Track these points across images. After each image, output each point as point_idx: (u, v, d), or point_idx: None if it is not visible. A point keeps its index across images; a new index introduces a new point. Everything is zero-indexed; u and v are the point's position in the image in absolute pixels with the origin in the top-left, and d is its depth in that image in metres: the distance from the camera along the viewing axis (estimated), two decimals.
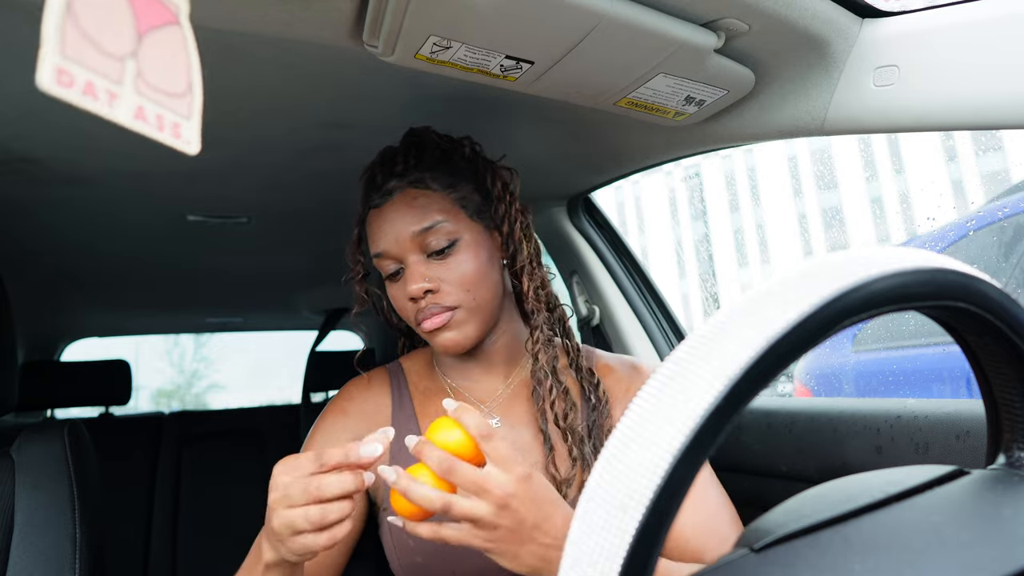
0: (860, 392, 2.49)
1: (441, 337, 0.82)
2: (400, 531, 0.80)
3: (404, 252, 0.82)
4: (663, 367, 0.30)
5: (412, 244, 0.82)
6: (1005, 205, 2.23)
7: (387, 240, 0.82)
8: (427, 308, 0.81)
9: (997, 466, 0.40)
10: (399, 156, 0.87)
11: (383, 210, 0.84)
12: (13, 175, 1.20)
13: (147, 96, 0.32)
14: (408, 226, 0.81)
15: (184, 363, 25.19)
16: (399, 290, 0.84)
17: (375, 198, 0.85)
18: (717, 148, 1.09)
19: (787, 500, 0.37)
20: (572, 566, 0.28)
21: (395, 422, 0.87)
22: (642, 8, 0.67)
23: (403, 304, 0.84)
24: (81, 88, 0.30)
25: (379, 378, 0.93)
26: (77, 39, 0.29)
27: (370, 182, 0.88)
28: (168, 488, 2.21)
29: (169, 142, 0.33)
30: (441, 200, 0.84)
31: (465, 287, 0.81)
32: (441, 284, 0.81)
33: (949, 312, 0.34)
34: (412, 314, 0.83)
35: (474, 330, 0.83)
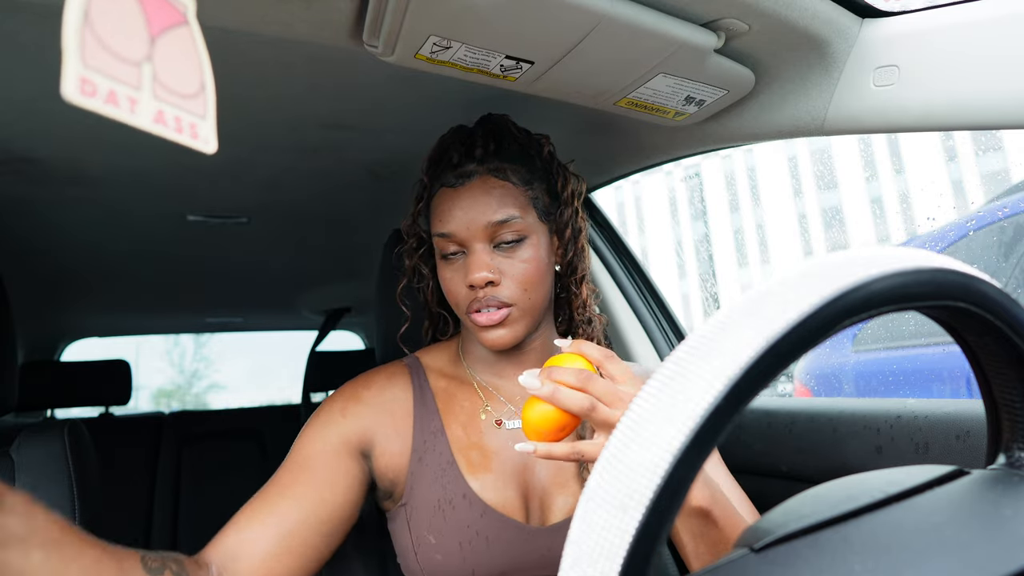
0: (860, 392, 2.49)
1: (492, 333, 0.81)
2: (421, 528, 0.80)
3: (472, 238, 0.81)
4: (663, 367, 0.30)
5: (483, 233, 0.80)
6: (1005, 205, 2.23)
7: (458, 223, 0.81)
8: (484, 299, 0.80)
9: (997, 466, 0.40)
10: (478, 140, 0.85)
11: (459, 192, 0.82)
12: (14, 175, 1.20)
13: (165, 99, 0.33)
14: (483, 215, 0.80)
15: (184, 363, 25.20)
16: (456, 273, 0.82)
17: (449, 177, 0.83)
18: (717, 148, 1.09)
19: (787, 500, 0.37)
20: (572, 566, 0.28)
21: (417, 418, 0.85)
22: (642, 8, 0.67)
23: (457, 289, 0.82)
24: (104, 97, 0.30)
25: (399, 372, 0.90)
26: (96, 48, 0.30)
27: (442, 158, 0.86)
28: (168, 488, 2.21)
29: (188, 143, 0.34)
30: (518, 195, 0.83)
31: (523, 286, 0.81)
32: (502, 278, 0.80)
33: (949, 312, 0.34)
34: (465, 302, 0.81)
35: (523, 329, 0.83)
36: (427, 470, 0.82)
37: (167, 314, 2.73)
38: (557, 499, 0.84)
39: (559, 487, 0.84)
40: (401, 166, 1.30)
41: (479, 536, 0.79)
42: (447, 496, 0.81)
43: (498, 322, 0.80)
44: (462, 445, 0.84)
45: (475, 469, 0.83)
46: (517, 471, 0.84)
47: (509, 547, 0.80)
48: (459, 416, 0.87)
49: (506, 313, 0.80)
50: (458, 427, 0.86)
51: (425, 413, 0.86)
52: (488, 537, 0.79)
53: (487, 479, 0.82)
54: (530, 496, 0.84)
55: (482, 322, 0.80)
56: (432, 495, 0.81)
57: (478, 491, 0.81)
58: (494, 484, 0.82)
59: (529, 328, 0.84)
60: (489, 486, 0.82)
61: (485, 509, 0.80)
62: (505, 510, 0.81)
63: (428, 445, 0.83)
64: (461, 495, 0.81)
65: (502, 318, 0.80)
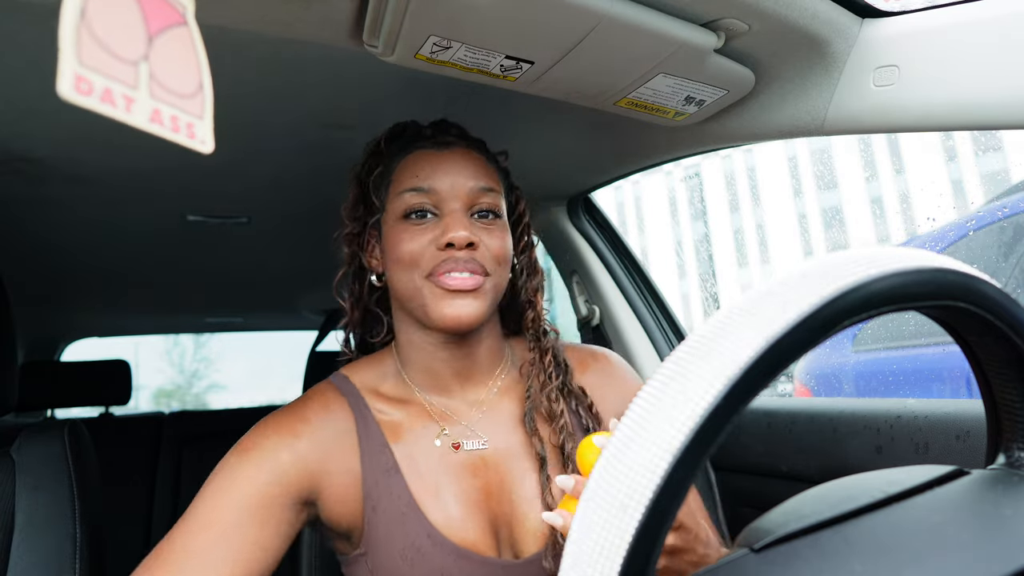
0: (860, 392, 2.49)
1: (460, 302, 0.73)
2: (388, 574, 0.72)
3: (454, 199, 0.77)
4: (663, 367, 0.30)
5: (466, 196, 0.77)
6: (1005, 205, 2.23)
7: (441, 181, 0.76)
8: (461, 261, 0.73)
9: (997, 466, 0.40)
10: (448, 124, 0.84)
11: (441, 154, 0.79)
12: (13, 175, 1.20)
13: (161, 99, 0.33)
14: (469, 179, 0.77)
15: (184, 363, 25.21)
16: (424, 233, 0.75)
17: (423, 142, 0.80)
18: (717, 148, 1.09)
19: (787, 500, 0.37)
20: (572, 566, 0.28)
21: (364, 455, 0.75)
22: (642, 8, 0.67)
23: (421, 249, 0.75)
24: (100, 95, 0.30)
25: (334, 399, 0.79)
26: (92, 46, 0.30)
27: (408, 130, 0.84)
28: (168, 488, 2.21)
29: (184, 142, 0.34)
30: (495, 174, 0.82)
31: (497, 260, 0.77)
32: (481, 244, 0.76)
33: (949, 312, 0.34)
34: (431, 263, 0.74)
35: (488, 309, 0.77)
36: (384, 517, 0.73)
37: (167, 314, 2.73)
38: (524, 524, 0.77)
39: (525, 511, 0.77)
40: None
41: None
42: (411, 542, 0.72)
43: (471, 288, 0.73)
44: (419, 481, 0.75)
45: (437, 506, 0.75)
46: (480, 500, 0.77)
47: None
48: (411, 446, 0.77)
49: (480, 281, 0.74)
50: (411, 460, 0.76)
51: (372, 447, 0.76)
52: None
53: (452, 515, 0.75)
54: (498, 525, 0.77)
55: (452, 285, 0.73)
56: (395, 544, 0.72)
57: (444, 531, 0.73)
58: (461, 519, 0.75)
59: (489, 311, 0.78)
60: (455, 523, 0.74)
61: (456, 550, 0.73)
62: (476, 547, 0.74)
63: (382, 487, 0.74)
64: (426, 537, 0.72)
65: (476, 284, 0.74)
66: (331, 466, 0.74)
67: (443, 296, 0.74)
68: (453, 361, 0.81)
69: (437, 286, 0.74)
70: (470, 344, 0.81)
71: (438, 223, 0.76)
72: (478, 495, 0.77)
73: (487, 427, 0.81)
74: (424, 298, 0.75)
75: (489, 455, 0.79)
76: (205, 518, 0.67)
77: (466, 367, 0.82)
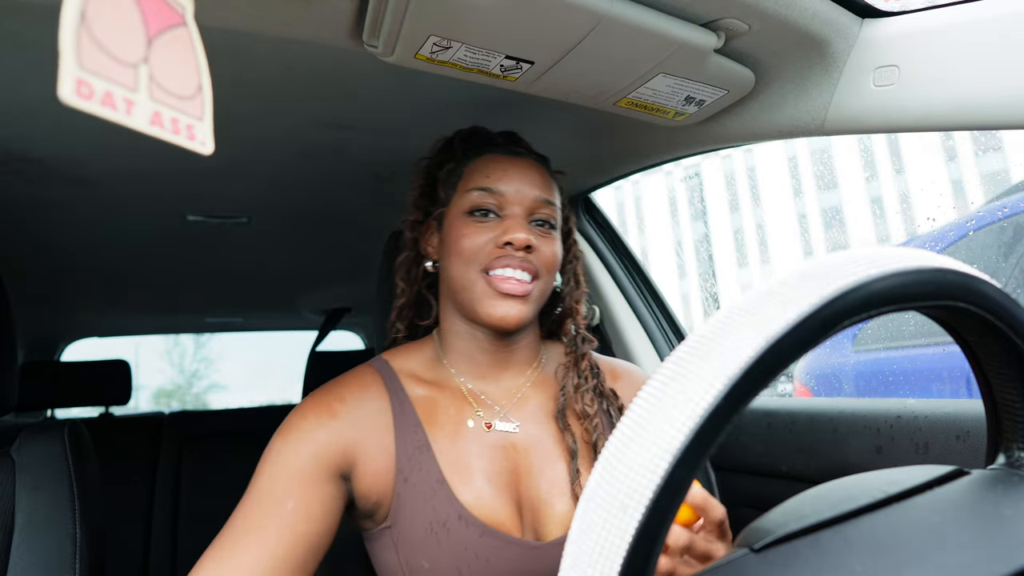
0: (860, 392, 2.49)
1: (508, 305, 0.79)
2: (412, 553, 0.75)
3: (518, 204, 0.82)
4: (663, 367, 0.30)
5: (529, 203, 0.83)
6: (1005, 205, 2.23)
7: (508, 185, 0.82)
8: (519, 259, 0.79)
9: (997, 466, 0.40)
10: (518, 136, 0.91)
11: (512, 160, 0.85)
12: (13, 175, 1.20)
13: (161, 101, 0.33)
14: (534, 188, 0.83)
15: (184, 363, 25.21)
16: (485, 231, 0.81)
17: (496, 148, 0.87)
18: (717, 148, 1.09)
19: (787, 500, 0.37)
20: (572, 566, 0.28)
21: (398, 432, 0.79)
22: (642, 8, 0.67)
23: (481, 244, 0.80)
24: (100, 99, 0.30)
25: (372, 380, 0.83)
26: (93, 49, 0.30)
27: (482, 135, 0.90)
28: (168, 488, 2.21)
29: (185, 144, 0.34)
30: (554, 189, 0.88)
31: (547, 268, 0.83)
32: (537, 249, 0.81)
33: (949, 312, 0.34)
34: (488, 258, 0.79)
35: (533, 312, 0.83)
36: (415, 491, 0.76)
37: (167, 314, 2.73)
38: (550, 509, 0.80)
39: (552, 497, 0.80)
40: (401, 166, 1.30)
41: (479, 558, 0.74)
42: (439, 518, 0.75)
43: (523, 294, 0.79)
44: (451, 459, 0.78)
45: (467, 484, 0.78)
46: (511, 481, 0.80)
47: (510, 567, 0.75)
48: (444, 426, 0.81)
49: (530, 288, 0.80)
50: (444, 438, 0.80)
51: (406, 425, 0.79)
52: (489, 558, 0.75)
53: (481, 494, 0.78)
54: (523, 507, 0.80)
55: (508, 288, 0.78)
56: (422, 518, 0.75)
57: (472, 508, 0.76)
58: (489, 498, 0.78)
59: (534, 315, 0.84)
60: (483, 502, 0.77)
61: (483, 529, 0.75)
62: (502, 527, 0.77)
63: (414, 463, 0.77)
64: (456, 516, 0.75)
65: (526, 291, 0.79)
66: (366, 443, 0.77)
67: (494, 296, 0.79)
68: (493, 351, 0.86)
69: (490, 285, 0.79)
70: (511, 338, 0.86)
71: (499, 223, 0.82)
72: (507, 476, 0.80)
73: (519, 414, 0.85)
74: (476, 293, 0.80)
75: (519, 439, 0.83)
76: (257, 497, 0.72)
77: (504, 358, 0.87)
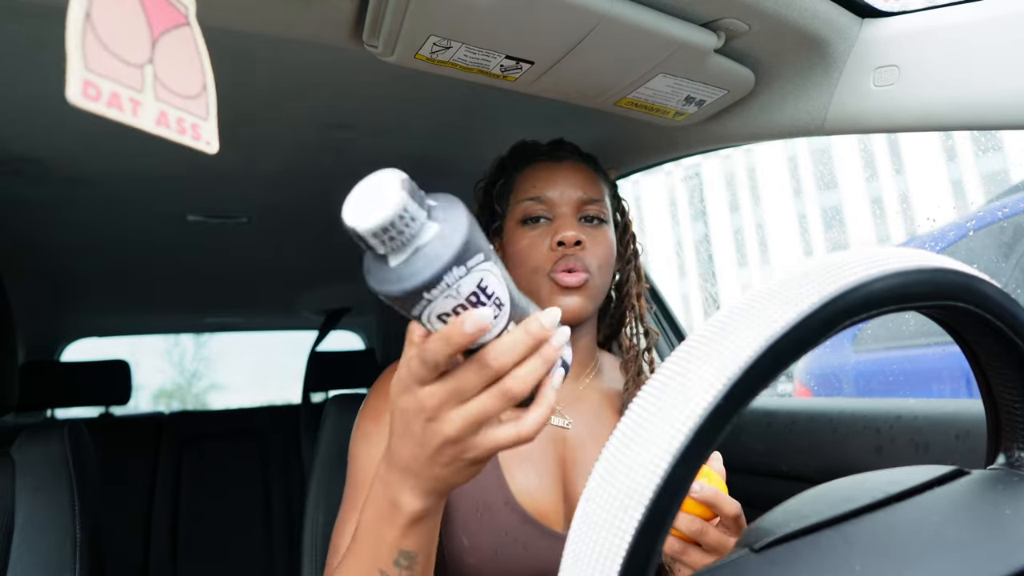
0: (860, 392, 2.49)
1: (571, 298, 0.82)
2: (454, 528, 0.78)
3: (564, 204, 0.86)
4: (663, 367, 0.30)
5: (575, 203, 0.86)
6: (1005, 205, 2.23)
7: (553, 189, 0.86)
8: (572, 259, 0.82)
9: (997, 466, 0.40)
10: (564, 141, 0.95)
11: (555, 166, 0.89)
12: (13, 175, 1.20)
13: (167, 101, 0.33)
14: (577, 189, 0.87)
15: (184, 363, 25.22)
16: (539, 237, 0.85)
17: (541, 157, 0.90)
18: (717, 148, 1.09)
19: (787, 500, 0.37)
20: (572, 565, 0.28)
21: None
22: (642, 8, 0.67)
23: (538, 251, 0.84)
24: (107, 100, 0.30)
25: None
26: (99, 51, 0.30)
27: (528, 147, 0.94)
28: (168, 488, 2.21)
29: (190, 144, 0.34)
30: (602, 186, 0.91)
31: (600, 262, 0.85)
32: (587, 246, 0.84)
33: (949, 312, 0.34)
34: (548, 263, 0.83)
35: (592, 306, 0.85)
36: None
37: (167, 314, 2.73)
38: None
39: None
40: (401, 166, 1.30)
41: (516, 543, 0.77)
42: (486, 500, 0.78)
43: (579, 284, 0.82)
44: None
45: (517, 472, 0.81)
46: (559, 474, 0.83)
47: (544, 555, 0.78)
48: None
49: (586, 278, 0.82)
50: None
51: None
52: (525, 545, 0.77)
53: (529, 482, 0.81)
54: (568, 500, 0.83)
55: (566, 281, 0.81)
56: (470, 497, 0.78)
57: (518, 495, 0.79)
58: (537, 488, 0.81)
59: (593, 308, 0.86)
60: (531, 490, 0.81)
61: (525, 516, 0.78)
62: (545, 517, 0.80)
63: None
64: (502, 501, 0.78)
65: (582, 281, 0.82)
66: None
67: (557, 291, 0.83)
68: None
69: (554, 283, 0.83)
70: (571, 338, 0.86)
71: (551, 226, 0.86)
72: (557, 469, 0.83)
73: (572, 412, 0.88)
74: (540, 292, 0.84)
75: (571, 435, 0.86)
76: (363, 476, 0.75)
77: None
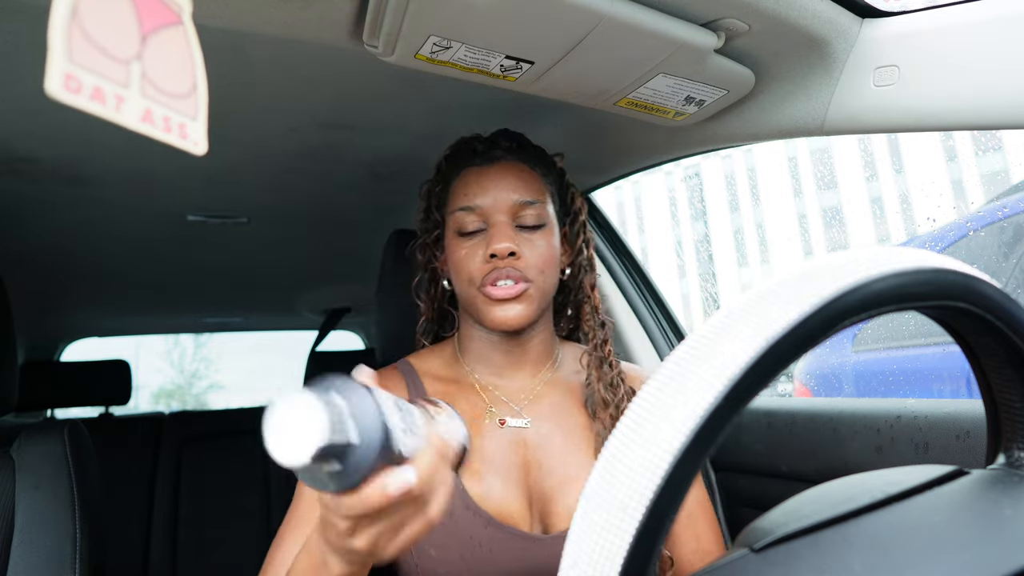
0: (860, 392, 2.49)
1: (507, 308, 0.82)
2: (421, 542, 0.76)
3: (497, 212, 0.84)
4: (663, 367, 0.30)
5: (509, 209, 0.84)
6: (1005, 205, 2.23)
7: (485, 197, 0.84)
8: (504, 270, 0.81)
9: (997, 466, 0.40)
10: (500, 137, 0.91)
11: (486, 170, 0.87)
12: (14, 175, 1.20)
13: (153, 98, 0.32)
14: (511, 193, 0.85)
15: (184, 363, 25.23)
16: (474, 248, 0.84)
17: (475, 159, 0.88)
18: (717, 148, 1.09)
19: (787, 500, 0.37)
20: (572, 566, 0.28)
21: None
22: (642, 8, 0.67)
23: (472, 263, 0.83)
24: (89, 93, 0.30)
25: (393, 377, 0.88)
26: (84, 44, 0.29)
27: (463, 149, 0.91)
28: (168, 488, 2.21)
29: (176, 143, 0.33)
30: (541, 184, 0.89)
31: (540, 267, 0.84)
32: (523, 254, 0.83)
33: (949, 312, 0.34)
34: (481, 274, 0.82)
35: (535, 311, 0.84)
36: None
37: (167, 314, 2.73)
38: (560, 501, 0.81)
39: (563, 489, 0.82)
40: (401, 166, 1.30)
41: (482, 547, 0.77)
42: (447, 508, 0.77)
43: (515, 296, 0.81)
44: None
45: (477, 476, 0.81)
46: (519, 476, 0.83)
47: (513, 557, 0.78)
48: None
49: (523, 288, 0.82)
50: None
51: None
52: (492, 549, 0.77)
53: (491, 487, 0.80)
54: (533, 500, 0.82)
55: (498, 295, 0.81)
56: None
57: (480, 500, 0.79)
58: (499, 492, 0.80)
59: (537, 313, 0.85)
60: (492, 494, 0.80)
61: (488, 520, 0.78)
62: (510, 519, 0.79)
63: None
64: (463, 507, 0.78)
65: (519, 292, 0.81)
66: None
67: (491, 303, 0.82)
68: (506, 351, 0.89)
69: (485, 297, 0.82)
70: (522, 339, 0.89)
71: (485, 236, 0.84)
72: (518, 471, 0.83)
73: (532, 411, 0.88)
74: (477, 304, 0.84)
75: (531, 435, 0.86)
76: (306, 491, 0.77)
77: (518, 357, 0.90)
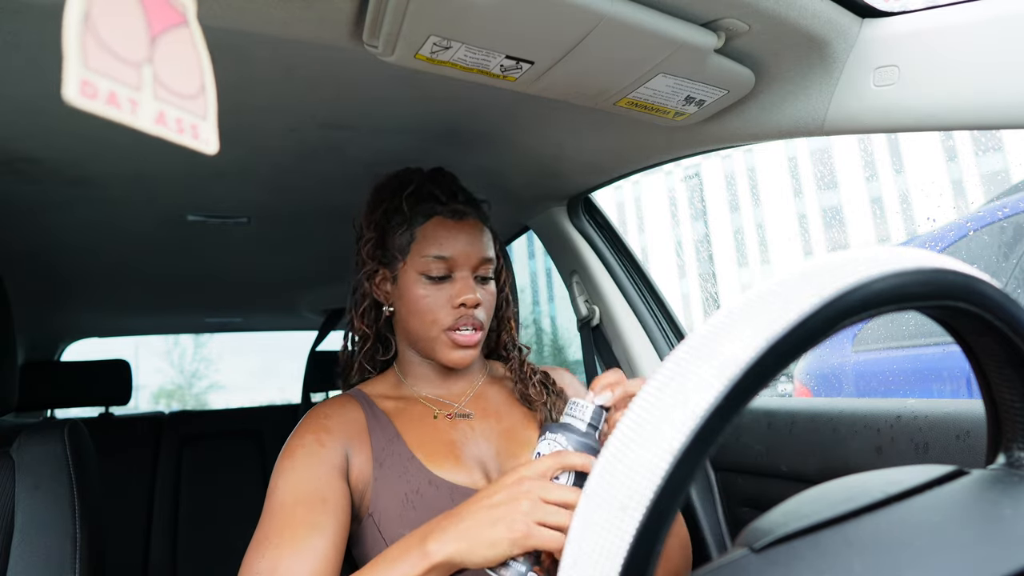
0: (860, 392, 2.49)
1: (464, 352, 0.92)
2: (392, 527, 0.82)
3: (465, 266, 0.93)
4: (663, 367, 0.30)
5: (475, 264, 0.94)
6: (1005, 205, 2.23)
7: (458, 249, 0.92)
8: (469, 318, 0.91)
9: (997, 466, 0.40)
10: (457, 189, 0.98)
11: (460, 224, 0.94)
12: (14, 175, 1.20)
13: (166, 100, 0.33)
14: (480, 250, 0.94)
15: (184, 363, 25.24)
16: (441, 293, 0.92)
17: (443, 210, 0.94)
18: (717, 148, 1.09)
19: (787, 500, 0.37)
20: (572, 566, 0.28)
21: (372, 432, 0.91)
22: (642, 8, 0.67)
23: (439, 308, 0.92)
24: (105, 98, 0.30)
25: (348, 400, 0.95)
26: (97, 49, 0.30)
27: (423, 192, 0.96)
28: (168, 488, 2.21)
29: (189, 144, 0.34)
30: (491, 241, 0.99)
31: (489, 313, 0.96)
32: (482, 303, 0.94)
33: (949, 312, 0.34)
34: (448, 319, 0.91)
35: (479, 351, 0.96)
36: (389, 471, 0.86)
37: (167, 314, 2.73)
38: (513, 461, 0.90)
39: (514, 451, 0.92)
40: (401, 166, 1.30)
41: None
42: (412, 487, 0.84)
43: (474, 344, 0.92)
44: (418, 442, 0.90)
45: (437, 459, 0.88)
46: (479, 461, 0.91)
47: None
48: (411, 421, 0.93)
49: (481, 335, 0.93)
50: (412, 429, 0.92)
51: (379, 426, 0.91)
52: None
53: (447, 463, 0.88)
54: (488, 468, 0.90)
55: (463, 341, 0.91)
56: (398, 491, 0.84)
57: (441, 475, 0.86)
58: (455, 466, 0.88)
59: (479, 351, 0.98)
60: (451, 469, 0.87)
61: (453, 489, 0.84)
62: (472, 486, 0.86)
63: (387, 450, 0.88)
64: (427, 482, 0.85)
65: (478, 341, 0.92)
66: (351, 445, 0.89)
67: (453, 347, 0.92)
68: (447, 372, 1.00)
69: (451, 340, 0.92)
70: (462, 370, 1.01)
71: (452, 285, 0.93)
72: (469, 447, 0.92)
73: (473, 406, 0.99)
74: (436, 345, 0.93)
75: (477, 423, 0.96)
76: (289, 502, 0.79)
77: (456, 375, 1.01)
